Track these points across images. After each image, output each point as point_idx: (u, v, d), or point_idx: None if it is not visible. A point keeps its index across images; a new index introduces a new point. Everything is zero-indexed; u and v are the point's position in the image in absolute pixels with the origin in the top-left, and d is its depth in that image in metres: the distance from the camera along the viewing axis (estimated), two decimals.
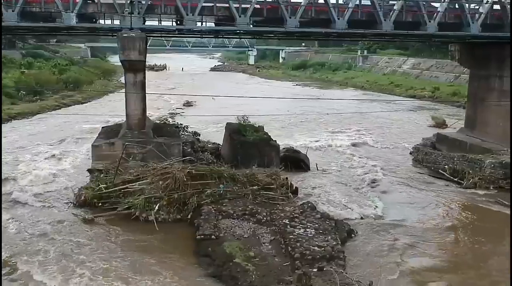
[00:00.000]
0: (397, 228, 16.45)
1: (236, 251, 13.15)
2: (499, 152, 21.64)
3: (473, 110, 24.85)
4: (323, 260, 12.81)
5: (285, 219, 15.26)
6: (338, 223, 15.66)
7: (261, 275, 12.21)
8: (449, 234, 16.13)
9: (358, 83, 68.29)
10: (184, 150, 21.19)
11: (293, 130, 34.96)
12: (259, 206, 16.27)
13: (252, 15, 17.79)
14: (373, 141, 31.16)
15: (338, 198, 19.45)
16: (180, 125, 25.05)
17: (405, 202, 19.40)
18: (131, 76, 18.37)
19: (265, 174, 17.78)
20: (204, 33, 21.19)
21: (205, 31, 20.20)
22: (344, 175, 23.18)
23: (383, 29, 18.59)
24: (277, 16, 18.20)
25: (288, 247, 13.46)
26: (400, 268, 13.35)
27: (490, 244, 15.21)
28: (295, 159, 23.49)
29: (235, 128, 20.08)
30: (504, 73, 22.74)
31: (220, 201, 16.36)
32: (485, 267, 13.72)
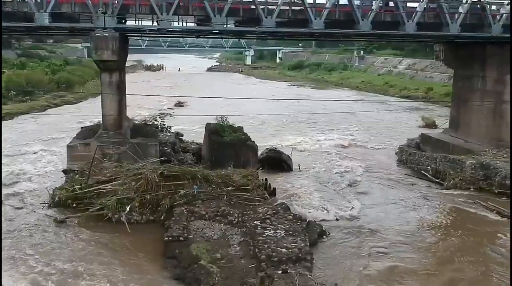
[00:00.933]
0: (371, 229, 16.31)
1: (203, 253, 13.03)
2: (480, 153, 21.49)
3: (457, 110, 24.73)
4: (289, 261, 12.69)
5: (256, 220, 15.12)
6: (310, 224, 15.54)
7: (224, 277, 12.10)
8: (423, 236, 15.96)
9: (353, 84, 68.19)
10: (164, 150, 21.06)
11: (282, 131, 34.91)
12: (233, 207, 16.12)
13: (229, 15, 17.67)
14: (360, 142, 31.10)
15: (316, 198, 19.31)
16: (163, 126, 24.88)
17: (384, 203, 19.26)
18: (107, 77, 18.26)
19: (241, 175, 17.61)
20: (181, 33, 21.04)
21: (180, 31, 20.05)
22: (326, 175, 23.05)
23: (361, 29, 18.45)
24: (254, 16, 18.07)
25: (255, 248, 13.33)
26: (367, 271, 13.20)
27: (464, 249, 14.96)
28: (277, 160, 23.40)
29: (214, 129, 19.94)
30: (486, 74, 22.62)
31: (194, 202, 16.20)
32: (455, 274, 13.46)
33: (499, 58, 21.78)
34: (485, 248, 15.08)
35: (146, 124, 23.08)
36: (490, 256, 14.51)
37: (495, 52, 21.98)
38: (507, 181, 19.30)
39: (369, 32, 18.59)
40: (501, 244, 15.31)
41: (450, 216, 17.87)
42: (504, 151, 21.45)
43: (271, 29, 17.66)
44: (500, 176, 19.59)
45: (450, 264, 14.04)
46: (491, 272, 13.50)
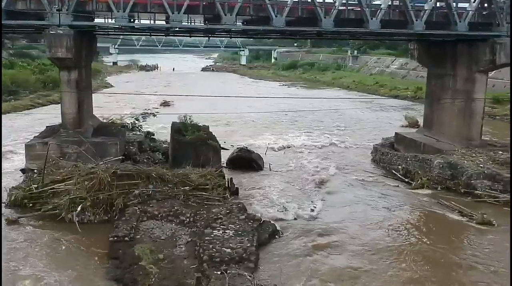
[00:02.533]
0: (328, 229, 16.10)
1: (145, 254, 12.83)
2: (449, 152, 21.23)
3: (430, 109, 24.48)
4: (232, 262, 12.56)
5: (208, 220, 14.95)
6: (264, 224, 15.36)
7: (162, 278, 11.92)
8: (380, 236, 15.71)
9: (344, 84, 67.96)
10: (129, 149, 20.93)
11: (262, 130, 34.82)
12: (187, 207, 15.95)
13: (186, 12, 17.46)
14: (339, 141, 30.91)
15: (279, 198, 19.11)
16: (133, 125, 24.68)
17: (348, 203, 19.05)
18: (65, 74, 18.07)
19: (199, 174, 17.41)
20: (145, 30, 20.81)
21: (143, 29, 19.85)
22: (296, 175, 22.83)
23: (322, 28, 18.22)
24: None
25: (200, 249, 13.15)
26: (314, 272, 12.96)
27: (420, 249, 14.71)
28: (247, 159, 23.22)
29: (177, 128, 19.74)
30: (457, 72, 22.38)
31: (148, 201, 16.01)
32: (406, 273, 13.20)
33: (469, 57, 21.54)
34: (441, 248, 14.82)
35: (113, 123, 22.88)
36: (446, 256, 14.24)
37: (464, 51, 21.74)
38: (472, 181, 19.08)
39: (331, 29, 18.36)
40: (458, 244, 15.12)
41: (411, 215, 17.66)
42: (473, 150, 21.21)
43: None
44: (466, 175, 19.32)
45: (403, 264, 13.78)
46: (444, 271, 13.28)
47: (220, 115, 37.12)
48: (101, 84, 62.71)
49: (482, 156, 20.53)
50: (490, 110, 42.75)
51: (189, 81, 75.67)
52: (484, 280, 12.87)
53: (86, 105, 19.92)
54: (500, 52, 19.97)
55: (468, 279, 12.96)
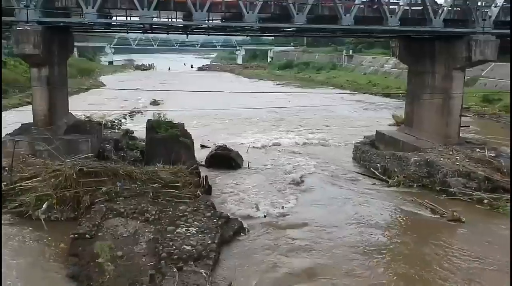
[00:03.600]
0: (296, 227, 15.99)
1: (104, 251, 12.70)
2: (426, 150, 21.09)
3: (411, 107, 24.34)
4: (190, 259, 12.46)
5: (173, 218, 14.82)
6: (230, 222, 15.23)
7: (117, 275, 11.79)
8: (350, 234, 15.54)
9: (338, 83, 67.86)
10: (104, 147, 20.83)
11: (248, 127, 34.77)
12: (153, 205, 15.76)
13: (156, 8, 17.34)
14: (323, 139, 30.81)
15: (252, 196, 19.07)
16: (113, 123, 24.55)
17: (322, 201, 18.93)
18: (35, 71, 17.95)
19: (170, 172, 17.28)
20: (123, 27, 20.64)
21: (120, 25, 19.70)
22: (274, 173, 22.71)
23: (294, 24, 18.08)
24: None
25: (160, 246, 13.03)
26: (271, 270, 12.84)
27: (390, 247, 14.60)
28: (225, 157, 23.13)
29: (151, 125, 19.63)
30: (435, 70, 22.23)
31: (116, 199, 15.87)
32: (371, 271, 13.06)
33: (446, 54, 21.39)
34: (410, 245, 14.71)
35: (90, 121, 22.75)
36: (414, 253, 14.12)
37: (442, 48, 21.59)
38: (447, 179, 18.95)
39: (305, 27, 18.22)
40: (427, 241, 14.94)
41: (384, 213, 17.47)
42: (450, 147, 21.07)
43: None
44: (441, 173, 19.19)
45: (368, 261, 13.62)
46: (410, 268, 13.13)
47: (209, 113, 37.19)
48: (93, 83, 62.65)
49: (459, 154, 20.39)
50: (479, 109, 42.76)
51: (184, 80, 75.50)
52: (449, 276, 12.73)
53: (59, 102, 19.79)
54: (476, 49, 19.82)
55: (435, 276, 12.82)
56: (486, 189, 18.38)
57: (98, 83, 64.75)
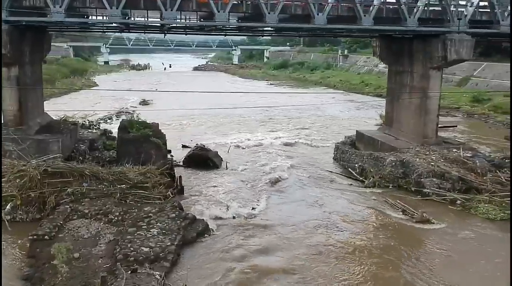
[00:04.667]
0: (263, 228, 15.81)
1: (61, 252, 12.56)
2: (403, 150, 20.92)
3: (391, 107, 24.17)
4: (146, 261, 12.33)
5: (136, 219, 14.69)
6: (195, 223, 15.08)
7: (70, 277, 11.66)
8: (315, 236, 15.31)
9: (331, 83, 67.68)
10: (78, 147, 20.69)
11: (234, 127, 34.64)
12: (118, 206, 15.64)
13: (124, 7, 17.16)
14: (307, 139, 30.65)
15: (225, 196, 18.90)
16: (91, 123, 24.37)
17: (295, 201, 18.75)
18: (5, 71, 17.79)
19: (138, 172, 17.13)
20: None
21: (76, 24, 19.50)
22: (252, 173, 22.56)
23: (266, 23, 17.91)
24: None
25: (119, 248, 12.88)
26: (229, 272, 12.66)
27: (357, 248, 14.37)
28: (203, 157, 23.00)
29: (123, 125, 19.47)
30: (413, 69, 22.06)
31: (81, 200, 15.73)
32: (335, 272, 12.89)
33: (423, 53, 21.21)
34: (376, 247, 14.51)
35: (65, 121, 22.58)
36: (380, 255, 13.93)
37: (420, 47, 21.41)
38: (422, 179, 18.77)
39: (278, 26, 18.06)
40: (393, 243, 14.79)
41: (355, 214, 17.26)
42: (428, 148, 20.89)
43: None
44: (416, 173, 19.02)
45: (331, 263, 13.43)
46: (376, 270, 13.00)
47: (198, 113, 37.01)
48: (85, 83, 62.54)
49: (435, 154, 20.20)
50: (469, 109, 42.57)
51: (178, 80, 75.40)
52: (409, 278, 12.59)
53: (32, 103, 19.63)
54: (451, 48, 19.63)
55: (395, 278, 12.66)
56: (460, 190, 18.20)
57: (91, 83, 64.59)
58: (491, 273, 12.87)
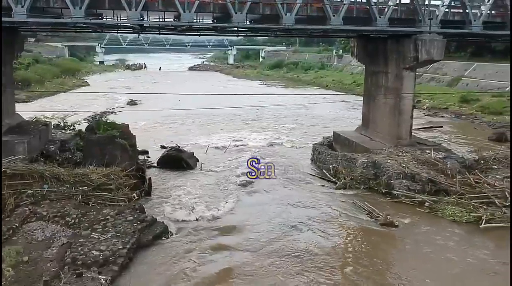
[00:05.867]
0: (224, 231, 15.63)
1: (11, 256, 12.38)
2: (376, 151, 20.72)
3: (367, 108, 23.97)
4: (95, 265, 12.14)
5: (93, 222, 14.49)
6: (154, 225, 14.90)
7: (14, 281, 11.47)
8: (278, 238, 15.12)
9: (324, 83, 67.55)
10: (48, 148, 20.51)
11: (218, 128, 34.49)
12: (80, 208, 15.41)
13: (88, 7, 16.98)
14: (290, 140, 30.50)
15: (193, 198, 18.74)
16: (65, 123, 24.19)
17: (262, 203, 18.55)
18: None
19: (102, 174, 16.94)
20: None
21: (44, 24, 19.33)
22: (225, 174, 22.37)
23: (233, 23, 17.73)
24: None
25: (69, 251, 12.71)
26: (182, 276, 12.48)
27: (314, 252, 14.11)
28: (177, 158, 22.83)
29: (90, 126, 19.30)
30: (388, 70, 21.85)
31: (41, 202, 15.53)
32: (291, 277, 12.72)
33: (397, 54, 21.01)
34: (335, 251, 14.32)
35: (37, 121, 22.41)
36: (338, 259, 13.75)
37: (393, 48, 21.21)
38: (392, 181, 18.57)
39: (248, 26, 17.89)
40: (354, 246, 14.62)
41: (320, 216, 17.02)
42: (401, 149, 20.69)
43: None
44: (386, 175, 18.82)
45: (288, 267, 13.22)
46: (334, 273, 12.81)
47: (184, 113, 36.78)
48: (76, 83, 62.43)
49: (408, 155, 19.99)
50: (457, 110, 42.38)
51: (171, 80, 75.40)
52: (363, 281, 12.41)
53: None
54: (422, 48, 19.43)
55: (350, 281, 12.50)
56: (429, 192, 18.00)
57: (82, 83, 64.49)
58: (449, 276, 12.69)
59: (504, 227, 15.44)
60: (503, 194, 16.71)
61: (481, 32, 19.96)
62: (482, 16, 19.62)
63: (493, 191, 17.07)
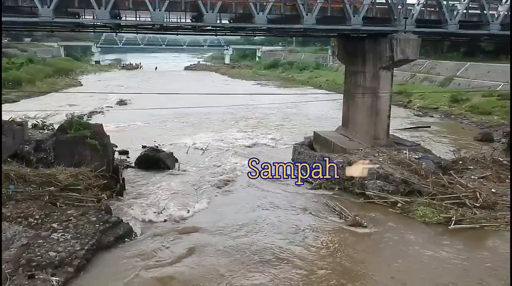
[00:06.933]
0: (191, 232, 15.44)
1: None
2: (352, 151, 20.56)
3: (347, 107, 23.81)
4: (49, 266, 11.99)
5: (56, 222, 14.34)
6: (118, 226, 14.74)
7: None
8: (242, 239, 14.89)
9: (317, 82, 67.40)
10: (23, 149, 20.29)
11: (204, 127, 34.38)
12: (45, 209, 15.25)
13: (57, 7, 16.85)
14: (274, 140, 30.35)
15: (165, 199, 18.60)
16: (44, 123, 23.99)
17: (235, 204, 18.40)
18: None
19: (69, 174, 16.81)
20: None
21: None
22: (202, 175, 22.20)
23: (204, 23, 17.59)
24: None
25: (26, 252, 12.57)
26: (136, 279, 12.30)
27: (282, 250, 14.05)
28: (154, 158, 22.69)
29: (62, 126, 19.16)
30: (366, 69, 21.68)
31: (6, 203, 15.38)
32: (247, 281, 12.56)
33: (374, 53, 20.84)
34: (302, 251, 14.15)
35: (12, 121, 22.20)
36: (307, 258, 13.59)
37: (371, 47, 21.05)
38: (366, 181, 18.43)
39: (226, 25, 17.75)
40: (319, 247, 14.46)
41: (290, 217, 16.86)
42: (377, 149, 20.54)
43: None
44: None
45: (255, 268, 13.06)
46: (300, 274, 12.64)
47: (173, 113, 36.63)
48: (68, 83, 62.33)
49: (383, 155, 19.83)
50: (447, 110, 42.20)
51: (166, 79, 75.33)
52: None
53: None
54: (397, 48, 19.26)
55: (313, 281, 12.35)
56: (403, 192, 17.84)
57: (75, 83, 64.38)
58: (416, 276, 12.52)
59: (473, 228, 15.30)
60: (474, 195, 16.51)
61: (457, 32, 19.78)
62: (458, 15, 19.42)
63: (464, 192, 16.87)
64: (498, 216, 15.75)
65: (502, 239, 14.81)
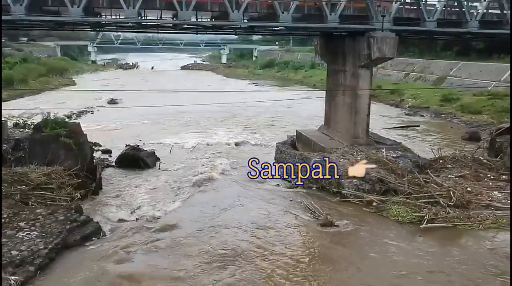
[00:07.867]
0: (161, 231, 15.31)
1: None
2: (330, 150, 20.46)
3: (329, 106, 23.70)
4: (10, 265, 11.91)
5: (23, 221, 14.26)
6: (86, 225, 14.65)
7: None
8: (213, 239, 14.77)
9: (311, 82, 67.25)
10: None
11: (191, 127, 34.29)
12: (14, 208, 15.16)
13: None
14: (259, 139, 30.26)
15: (140, 197, 18.56)
16: (25, 122, 23.98)
17: (210, 203, 18.21)
18: None
19: (42, 173, 16.73)
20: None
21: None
22: (182, 174, 22.11)
23: (179, 21, 17.52)
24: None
25: None
26: (97, 279, 12.19)
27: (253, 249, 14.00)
28: (135, 157, 22.63)
29: (38, 125, 19.08)
30: (346, 68, 21.57)
31: None
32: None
33: (353, 52, 20.73)
34: (275, 249, 14.05)
35: None
36: (276, 257, 13.47)
37: (350, 46, 20.94)
38: (342, 180, 18.31)
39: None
40: (288, 246, 14.33)
41: (265, 216, 16.69)
42: (356, 148, 20.43)
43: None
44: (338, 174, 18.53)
45: (224, 268, 12.92)
46: (263, 275, 12.52)
47: (163, 111, 36.51)
48: (62, 82, 62.29)
49: (361, 154, 19.72)
50: (437, 109, 42.05)
51: (161, 79, 75.18)
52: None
53: None
54: (374, 46, 19.14)
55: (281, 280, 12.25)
56: (379, 191, 17.73)
57: (68, 82, 64.32)
58: (386, 275, 12.43)
59: (446, 227, 15.20)
60: (448, 194, 16.40)
61: (436, 30, 19.67)
62: (436, 13, 19.32)
63: (439, 191, 16.77)
64: (471, 215, 15.61)
65: (474, 237, 14.74)
